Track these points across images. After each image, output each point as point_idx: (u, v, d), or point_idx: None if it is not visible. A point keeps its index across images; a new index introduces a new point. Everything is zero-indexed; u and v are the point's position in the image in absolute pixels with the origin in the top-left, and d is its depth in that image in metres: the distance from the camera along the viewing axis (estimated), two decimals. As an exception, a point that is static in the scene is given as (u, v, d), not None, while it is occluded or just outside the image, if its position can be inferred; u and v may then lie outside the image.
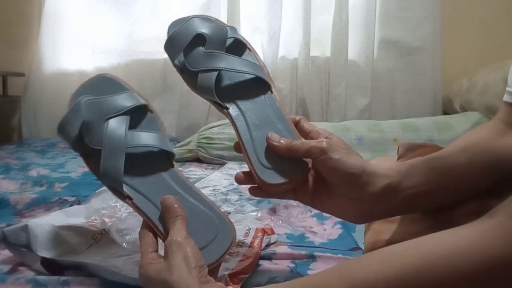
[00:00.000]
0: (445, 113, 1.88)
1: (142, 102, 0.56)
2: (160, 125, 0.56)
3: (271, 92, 0.56)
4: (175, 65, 0.57)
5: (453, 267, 0.34)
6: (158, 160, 0.53)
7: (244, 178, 0.52)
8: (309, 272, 0.60)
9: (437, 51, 1.89)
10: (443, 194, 0.49)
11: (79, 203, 0.87)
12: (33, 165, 1.28)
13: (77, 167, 1.26)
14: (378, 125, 1.51)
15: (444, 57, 1.91)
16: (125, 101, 0.54)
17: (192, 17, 0.58)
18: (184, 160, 1.43)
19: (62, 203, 0.88)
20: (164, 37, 0.58)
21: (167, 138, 0.55)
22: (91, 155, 0.52)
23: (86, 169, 0.53)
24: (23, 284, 0.55)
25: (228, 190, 0.96)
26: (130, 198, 0.50)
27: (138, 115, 0.55)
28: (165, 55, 0.59)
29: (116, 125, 0.51)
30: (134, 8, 1.88)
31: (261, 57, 1.82)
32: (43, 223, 0.62)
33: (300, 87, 1.89)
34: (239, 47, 0.58)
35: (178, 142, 1.56)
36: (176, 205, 0.48)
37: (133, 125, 0.53)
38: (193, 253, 0.43)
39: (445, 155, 0.51)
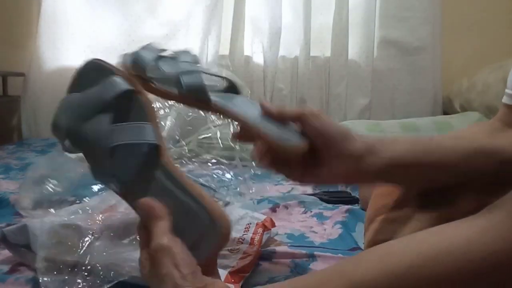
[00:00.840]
0: (445, 113, 1.87)
1: (127, 87, 0.51)
2: (148, 112, 0.50)
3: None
4: (147, 77, 0.56)
5: (452, 263, 0.35)
6: (148, 154, 0.49)
7: (244, 136, 0.54)
8: (309, 272, 0.60)
9: (437, 51, 1.89)
10: (427, 170, 0.50)
11: (79, 203, 0.86)
12: (33, 165, 1.28)
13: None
14: (378, 125, 1.51)
15: (444, 57, 1.91)
16: (107, 92, 0.51)
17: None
18: (184, 160, 1.43)
19: (62, 203, 0.88)
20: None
21: (150, 128, 0.49)
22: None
23: (86, 169, 0.53)
24: (23, 284, 0.55)
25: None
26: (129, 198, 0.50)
27: (125, 103, 0.51)
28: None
29: (95, 127, 0.50)
30: (134, 7, 1.88)
31: (261, 57, 1.85)
32: (43, 223, 0.62)
33: (300, 86, 1.89)
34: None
35: (178, 142, 1.56)
36: (153, 206, 0.45)
37: (119, 116, 0.50)
38: (182, 258, 0.42)
39: (432, 137, 0.54)
